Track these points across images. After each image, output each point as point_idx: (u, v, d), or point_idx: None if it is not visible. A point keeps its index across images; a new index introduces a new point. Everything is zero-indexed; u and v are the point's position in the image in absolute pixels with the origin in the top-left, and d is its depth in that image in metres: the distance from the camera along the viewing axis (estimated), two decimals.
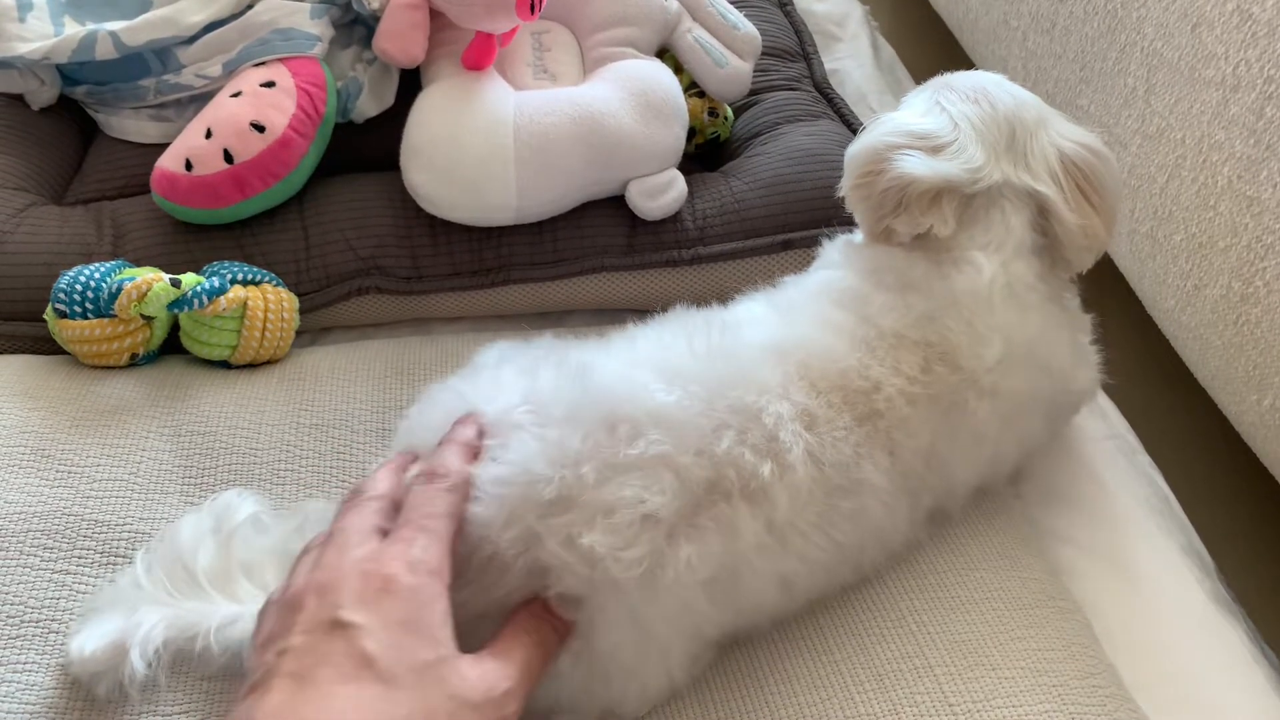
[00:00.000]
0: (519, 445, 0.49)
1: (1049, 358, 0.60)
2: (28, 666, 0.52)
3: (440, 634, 0.44)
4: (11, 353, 0.70)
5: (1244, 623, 0.68)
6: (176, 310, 0.67)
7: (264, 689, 0.42)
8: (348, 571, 0.45)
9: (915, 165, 0.59)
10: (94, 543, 0.57)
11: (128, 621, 0.50)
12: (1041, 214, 0.61)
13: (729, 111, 0.87)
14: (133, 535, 0.58)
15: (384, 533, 0.47)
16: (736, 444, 0.50)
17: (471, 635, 0.46)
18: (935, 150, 0.60)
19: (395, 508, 0.49)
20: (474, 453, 0.51)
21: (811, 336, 0.55)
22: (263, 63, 0.77)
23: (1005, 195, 0.60)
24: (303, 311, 0.74)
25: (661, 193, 0.77)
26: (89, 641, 0.50)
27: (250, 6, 0.80)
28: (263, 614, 0.47)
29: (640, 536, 0.47)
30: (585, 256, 0.77)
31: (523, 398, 0.52)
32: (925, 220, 0.59)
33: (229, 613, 0.50)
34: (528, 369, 0.55)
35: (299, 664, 0.42)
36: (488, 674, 0.44)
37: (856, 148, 0.63)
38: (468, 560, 0.48)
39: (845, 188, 0.64)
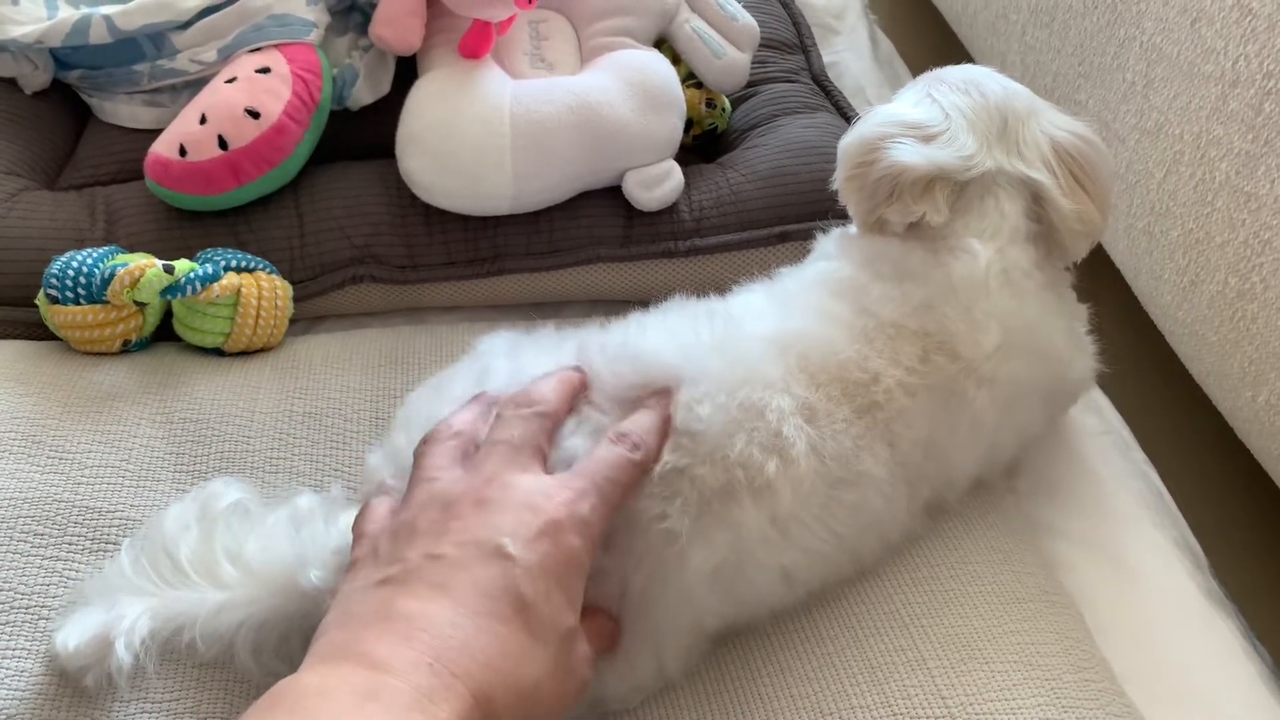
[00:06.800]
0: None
1: (1046, 344, 0.60)
2: (17, 653, 0.52)
3: (578, 603, 0.43)
4: (3, 338, 0.70)
5: (1236, 618, 0.68)
6: (170, 297, 0.67)
7: (406, 588, 0.40)
8: (510, 499, 0.43)
9: (907, 153, 0.59)
10: (84, 529, 0.57)
11: (111, 614, 0.49)
12: (1036, 202, 0.61)
13: (726, 103, 0.87)
14: (124, 522, 0.58)
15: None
16: (746, 444, 0.50)
17: None
18: (927, 139, 0.60)
19: (473, 446, 0.47)
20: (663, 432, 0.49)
21: (810, 328, 0.55)
22: (258, 49, 0.77)
23: (999, 183, 0.60)
24: (296, 300, 0.73)
25: (658, 183, 0.77)
26: (72, 636, 0.49)
27: None
28: (371, 507, 0.46)
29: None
30: (581, 247, 0.77)
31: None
32: (918, 208, 0.59)
33: (216, 601, 0.50)
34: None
35: (449, 577, 0.40)
36: (589, 652, 0.45)
37: (849, 139, 0.63)
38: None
39: (839, 180, 0.64)
